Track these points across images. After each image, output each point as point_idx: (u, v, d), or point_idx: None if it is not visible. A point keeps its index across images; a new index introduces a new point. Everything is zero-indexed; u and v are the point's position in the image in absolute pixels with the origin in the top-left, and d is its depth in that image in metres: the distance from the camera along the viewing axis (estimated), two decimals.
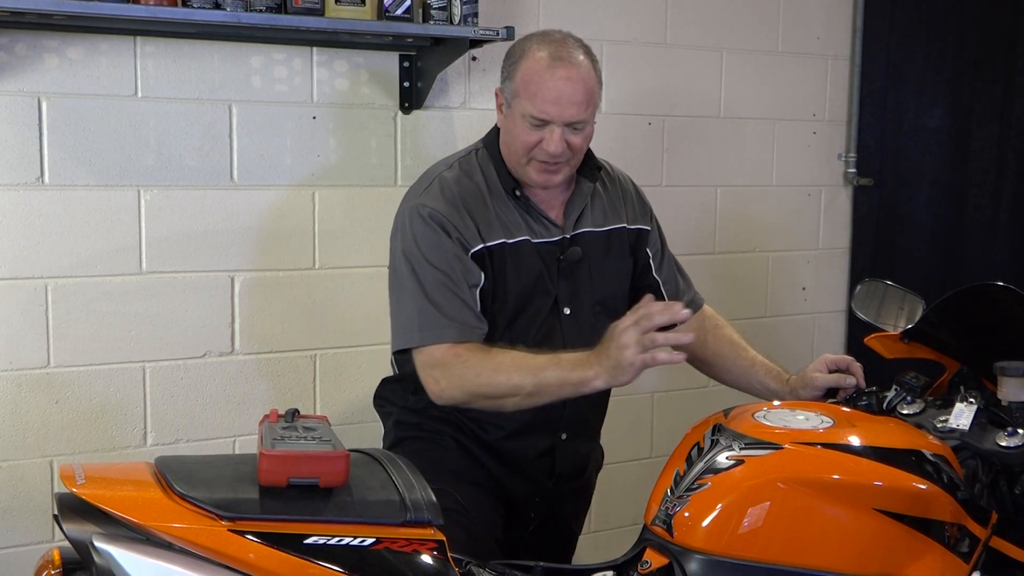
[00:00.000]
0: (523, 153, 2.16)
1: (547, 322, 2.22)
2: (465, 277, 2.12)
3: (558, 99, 2.10)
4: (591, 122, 2.18)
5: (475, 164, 2.24)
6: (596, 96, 2.18)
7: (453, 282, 2.11)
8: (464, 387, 2.07)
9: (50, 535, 2.63)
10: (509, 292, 2.18)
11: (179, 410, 2.77)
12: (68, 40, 2.57)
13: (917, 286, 2.38)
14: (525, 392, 2.01)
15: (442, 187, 2.18)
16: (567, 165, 2.19)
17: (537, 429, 2.22)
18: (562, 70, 2.11)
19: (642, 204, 2.41)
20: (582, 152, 2.21)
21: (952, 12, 3.77)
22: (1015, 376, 1.90)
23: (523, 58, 2.16)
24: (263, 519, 1.57)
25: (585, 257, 2.25)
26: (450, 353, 2.07)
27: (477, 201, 2.18)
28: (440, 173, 2.22)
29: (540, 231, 2.22)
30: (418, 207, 2.16)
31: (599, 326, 2.26)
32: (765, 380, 2.35)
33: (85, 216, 2.63)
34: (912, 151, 3.81)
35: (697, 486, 1.79)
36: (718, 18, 3.42)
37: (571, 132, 2.14)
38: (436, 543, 1.64)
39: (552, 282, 2.22)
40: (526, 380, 2.01)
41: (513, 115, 2.17)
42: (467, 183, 2.20)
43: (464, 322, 2.10)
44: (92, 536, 1.51)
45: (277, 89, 2.80)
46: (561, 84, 2.10)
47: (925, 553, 1.77)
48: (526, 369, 2.02)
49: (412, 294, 2.12)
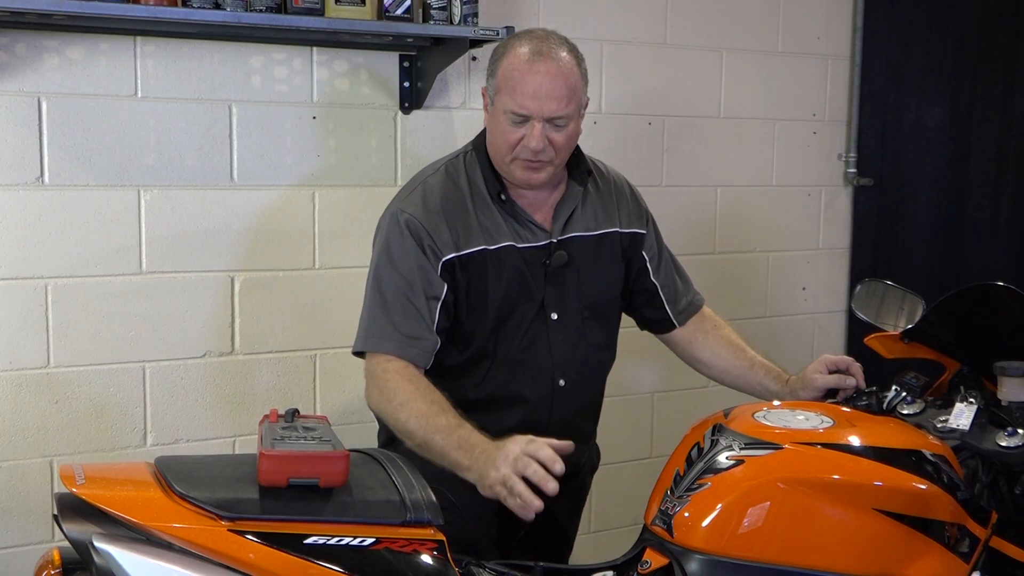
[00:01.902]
0: (506, 151, 2.15)
1: (533, 327, 2.21)
2: (425, 288, 2.12)
3: (536, 94, 2.09)
4: (575, 119, 2.16)
5: (461, 168, 2.23)
6: (579, 93, 2.15)
7: (412, 291, 2.12)
8: (378, 407, 2.11)
9: (50, 535, 2.63)
10: (490, 298, 2.17)
11: (179, 410, 2.77)
12: (68, 40, 2.57)
13: (917, 286, 2.37)
14: (414, 442, 2.01)
15: (424, 193, 2.19)
16: (551, 164, 2.16)
17: (522, 434, 2.21)
18: (542, 65, 2.09)
19: (637, 206, 2.39)
20: (566, 151, 2.19)
21: (952, 12, 3.78)
22: (1015, 376, 1.91)
23: (505, 55, 2.15)
24: (263, 519, 1.57)
25: (573, 261, 2.23)
26: (382, 367, 2.09)
27: (458, 207, 2.17)
28: (425, 178, 2.23)
29: (526, 235, 2.20)
30: (398, 212, 2.18)
31: (586, 331, 2.27)
32: (765, 381, 2.35)
33: (85, 216, 2.63)
34: (912, 151, 3.81)
35: (697, 486, 1.79)
36: (718, 18, 3.42)
37: (552, 129, 2.12)
38: (436, 543, 1.64)
39: (537, 287, 2.21)
40: (417, 432, 2.00)
41: (496, 112, 2.16)
42: (450, 188, 2.19)
43: (409, 334, 2.10)
44: (92, 536, 1.52)
45: (277, 89, 2.80)
46: (540, 79, 2.09)
47: (925, 553, 1.77)
48: (423, 421, 1.99)
49: (372, 298, 2.17)
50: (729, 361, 2.41)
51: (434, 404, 2.02)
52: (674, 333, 2.45)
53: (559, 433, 2.25)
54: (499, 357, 2.20)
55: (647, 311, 2.43)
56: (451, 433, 1.96)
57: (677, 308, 2.42)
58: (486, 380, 2.20)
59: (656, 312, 2.42)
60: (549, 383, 2.22)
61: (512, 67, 2.12)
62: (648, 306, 2.42)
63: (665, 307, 2.41)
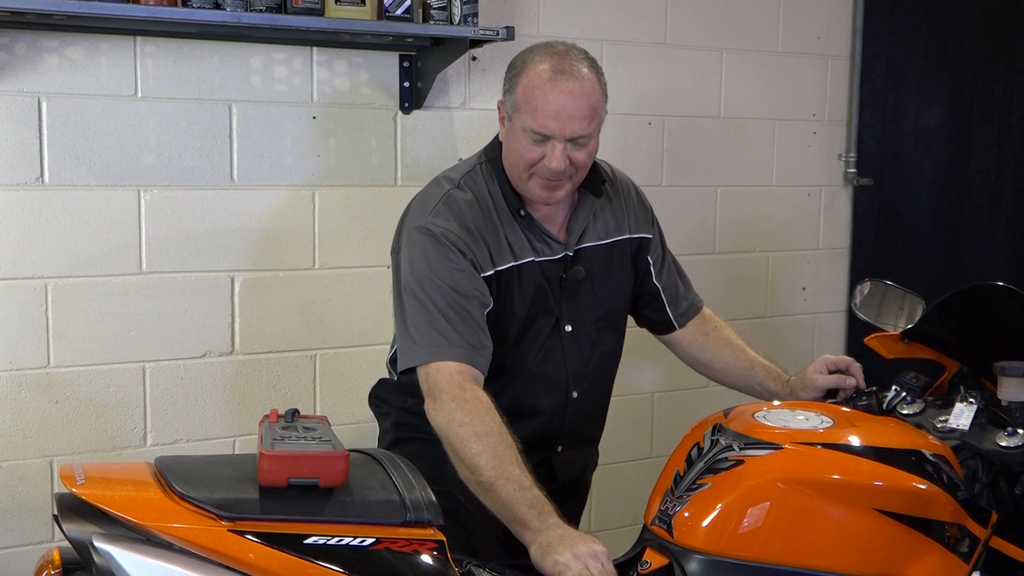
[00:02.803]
0: (524, 169, 2.10)
1: (548, 340, 2.19)
2: (478, 296, 2.06)
3: (559, 114, 2.04)
4: (595, 136, 2.13)
5: (482, 182, 2.18)
6: (600, 111, 2.12)
7: (466, 299, 2.04)
8: (442, 426, 1.96)
9: (50, 535, 2.63)
10: (516, 314, 2.15)
11: (179, 410, 2.77)
12: (68, 40, 2.57)
13: (917, 286, 2.38)
14: (476, 481, 1.90)
15: (453, 208, 2.12)
16: (570, 181, 2.13)
17: (532, 444, 2.19)
18: (564, 83, 2.04)
19: (643, 210, 2.38)
20: (586, 168, 2.15)
21: (952, 12, 3.77)
22: (1015, 376, 1.91)
23: (524, 71, 2.09)
24: (263, 519, 1.57)
25: (588, 274, 2.22)
26: (457, 381, 1.98)
27: (489, 225, 2.13)
28: (449, 192, 2.15)
29: (543, 249, 2.18)
30: (429, 225, 2.09)
31: (600, 341, 2.26)
32: (765, 381, 2.35)
33: (85, 216, 2.63)
34: (912, 151, 3.81)
35: (697, 486, 1.79)
36: (718, 18, 3.42)
37: (574, 148, 2.08)
38: (436, 543, 1.64)
39: (555, 301, 2.19)
40: (486, 470, 1.87)
41: (515, 129, 2.11)
42: (477, 205, 2.14)
43: (472, 342, 2.02)
44: (92, 536, 1.51)
45: (277, 89, 2.80)
46: (563, 98, 2.04)
47: (925, 553, 1.77)
48: (496, 463, 1.88)
49: (416, 311, 2.05)
50: (729, 362, 2.41)
51: (510, 449, 1.90)
52: (674, 335, 2.45)
53: (568, 441, 2.26)
54: (515, 370, 2.18)
55: (648, 312, 2.43)
56: (527, 490, 1.86)
57: (678, 310, 2.42)
58: (501, 392, 2.15)
59: (657, 314, 2.42)
60: (563, 395, 2.22)
61: (532, 85, 2.06)
62: (649, 307, 2.42)
63: (666, 309, 2.40)
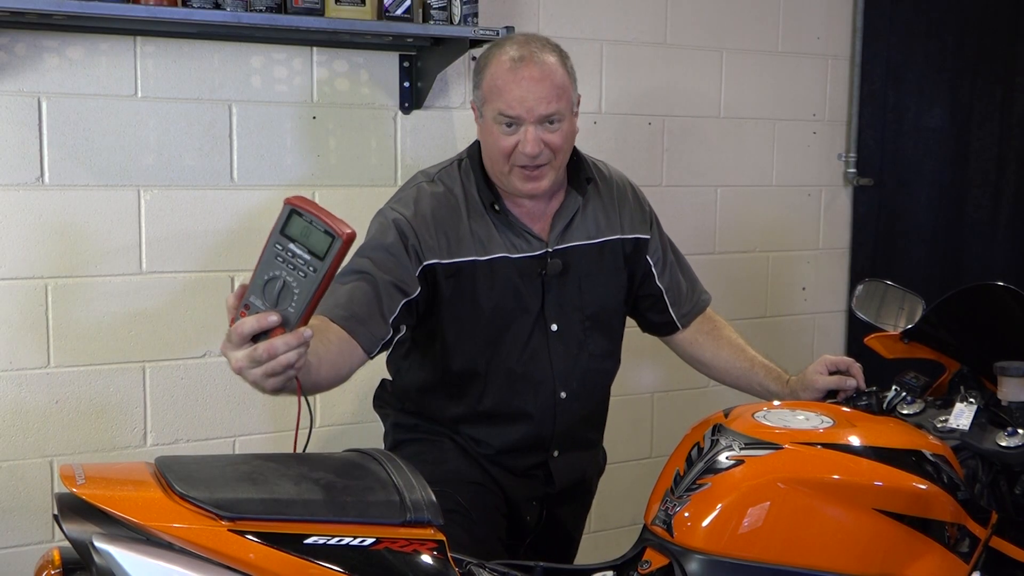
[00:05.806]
0: (503, 161, 2.11)
1: (533, 340, 2.18)
2: (394, 281, 2.01)
3: (524, 96, 2.06)
4: (568, 117, 2.12)
5: (456, 176, 2.19)
6: (569, 91, 2.12)
7: (377, 275, 1.99)
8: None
9: (50, 535, 2.63)
10: (482, 309, 2.13)
11: (179, 410, 2.77)
12: (68, 40, 2.57)
13: (917, 286, 2.37)
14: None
15: (417, 197, 2.15)
16: (550, 168, 2.12)
17: (526, 448, 2.21)
18: (525, 69, 2.06)
19: (640, 209, 2.36)
20: (564, 152, 2.15)
21: (952, 12, 3.78)
22: (1015, 376, 1.90)
23: (488, 64, 2.12)
24: (263, 519, 1.57)
25: (573, 270, 2.20)
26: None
27: (451, 215, 2.14)
28: (419, 184, 2.19)
29: (521, 245, 2.17)
30: (387, 211, 2.15)
31: (588, 341, 2.24)
32: (765, 381, 2.34)
33: (85, 216, 2.63)
34: (912, 151, 3.81)
35: (697, 486, 1.79)
36: (718, 18, 3.42)
37: (546, 130, 2.09)
38: (436, 543, 1.64)
39: (533, 298, 2.18)
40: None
41: (487, 122, 2.12)
42: (445, 196, 2.15)
43: (358, 314, 1.93)
44: (92, 536, 1.51)
45: (277, 89, 2.80)
46: (526, 82, 2.06)
47: (925, 553, 1.77)
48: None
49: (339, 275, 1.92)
50: (729, 362, 2.40)
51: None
52: (676, 335, 2.44)
53: (563, 444, 2.25)
54: (498, 371, 2.17)
55: (651, 315, 2.42)
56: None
57: (681, 311, 2.41)
58: (485, 395, 2.17)
59: (660, 316, 2.41)
60: (550, 396, 2.20)
61: (496, 75, 2.09)
62: (652, 310, 2.40)
63: (669, 310, 2.39)
